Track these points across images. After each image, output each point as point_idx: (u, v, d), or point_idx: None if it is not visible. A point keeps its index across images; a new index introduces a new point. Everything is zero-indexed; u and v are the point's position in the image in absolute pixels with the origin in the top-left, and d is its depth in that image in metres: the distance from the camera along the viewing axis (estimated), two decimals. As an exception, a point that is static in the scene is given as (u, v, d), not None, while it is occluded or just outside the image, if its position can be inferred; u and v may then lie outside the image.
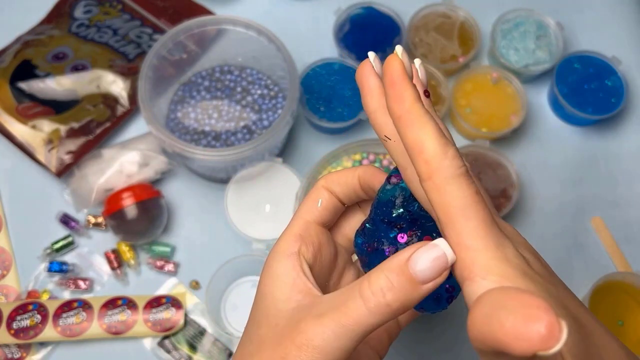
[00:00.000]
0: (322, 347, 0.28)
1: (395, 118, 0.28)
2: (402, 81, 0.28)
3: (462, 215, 0.26)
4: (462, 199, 0.26)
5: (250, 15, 0.63)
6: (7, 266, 0.62)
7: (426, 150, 0.26)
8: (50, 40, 0.69)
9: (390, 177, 0.33)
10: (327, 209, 0.35)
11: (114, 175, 0.61)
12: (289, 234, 0.34)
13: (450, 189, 0.26)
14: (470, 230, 0.25)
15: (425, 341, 0.60)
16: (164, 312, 0.58)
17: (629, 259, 0.63)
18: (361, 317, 0.28)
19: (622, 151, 0.69)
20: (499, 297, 0.23)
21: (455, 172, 0.26)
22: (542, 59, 0.69)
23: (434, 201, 0.26)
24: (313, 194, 0.35)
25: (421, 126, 0.27)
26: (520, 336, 0.20)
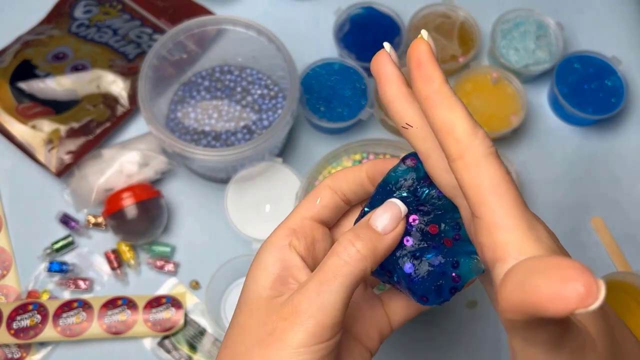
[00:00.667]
0: (308, 309, 0.29)
1: (423, 99, 0.28)
2: (430, 62, 0.28)
3: (495, 194, 0.25)
4: (493, 178, 0.26)
5: (250, 15, 0.63)
6: (7, 266, 0.62)
7: (457, 130, 0.26)
8: (50, 40, 0.69)
9: (406, 159, 0.33)
10: (327, 207, 0.34)
11: (114, 175, 0.61)
12: (283, 226, 0.34)
13: (483, 168, 0.26)
14: (503, 209, 0.25)
15: (425, 341, 0.60)
16: (164, 312, 0.58)
17: (629, 259, 0.63)
18: (337, 268, 0.30)
19: (622, 151, 0.69)
20: (532, 263, 0.22)
21: (487, 151, 0.26)
22: (542, 59, 0.69)
23: (464, 181, 0.26)
24: (315, 191, 0.35)
25: (451, 106, 0.27)
26: (558, 297, 0.20)
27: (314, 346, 0.29)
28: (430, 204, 0.32)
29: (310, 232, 0.34)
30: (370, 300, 0.37)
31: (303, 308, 0.29)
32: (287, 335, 0.29)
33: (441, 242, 0.32)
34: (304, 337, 0.29)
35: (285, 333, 0.29)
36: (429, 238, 0.32)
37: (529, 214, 0.26)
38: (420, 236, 0.32)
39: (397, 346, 0.60)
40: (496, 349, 0.60)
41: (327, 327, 0.29)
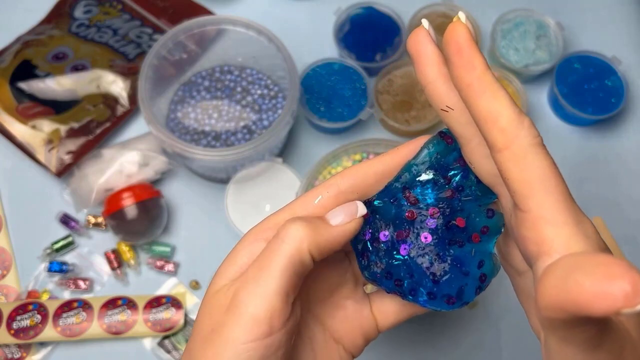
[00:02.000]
0: (245, 299, 0.27)
1: (465, 86, 0.26)
2: (471, 47, 0.26)
3: (543, 187, 0.24)
4: (541, 169, 0.24)
5: (250, 15, 0.63)
6: (7, 266, 0.62)
7: (502, 119, 0.25)
8: (50, 40, 0.69)
9: (445, 136, 0.30)
10: (325, 208, 0.31)
11: (114, 175, 0.61)
12: (268, 220, 0.31)
13: (531, 160, 0.24)
14: (552, 203, 0.24)
15: (425, 342, 0.60)
16: (164, 312, 0.58)
17: (629, 259, 0.63)
18: (275, 249, 0.28)
19: (622, 151, 0.69)
20: (575, 260, 0.21)
21: (534, 141, 0.25)
22: (542, 59, 0.69)
23: (510, 172, 0.25)
24: (317, 189, 0.31)
25: (494, 94, 0.25)
26: (603, 295, 0.19)
27: (255, 342, 0.27)
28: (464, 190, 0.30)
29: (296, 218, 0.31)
30: (358, 300, 0.34)
31: (241, 299, 0.27)
32: (227, 330, 0.27)
33: (469, 237, 0.30)
34: (243, 331, 0.27)
35: (225, 327, 0.27)
36: (455, 233, 0.30)
37: (576, 209, 0.25)
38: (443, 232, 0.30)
39: (397, 346, 0.60)
40: (496, 349, 0.60)
41: (265, 319, 0.27)
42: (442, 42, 0.28)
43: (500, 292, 0.60)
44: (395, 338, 0.60)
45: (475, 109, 0.26)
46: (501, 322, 0.60)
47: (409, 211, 0.30)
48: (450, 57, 0.27)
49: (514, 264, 0.30)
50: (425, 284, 0.30)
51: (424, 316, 0.60)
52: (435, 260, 0.30)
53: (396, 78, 0.68)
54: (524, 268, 0.29)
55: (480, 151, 0.28)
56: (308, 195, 0.31)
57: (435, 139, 0.30)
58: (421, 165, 0.30)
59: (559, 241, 0.24)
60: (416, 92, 0.67)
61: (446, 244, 0.30)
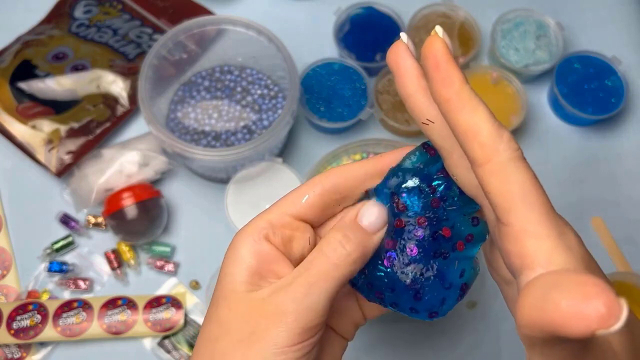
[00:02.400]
0: (294, 310, 0.29)
1: (443, 101, 0.26)
2: (448, 62, 0.26)
3: (524, 200, 0.25)
4: (522, 183, 0.25)
5: (250, 15, 0.63)
6: (7, 266, 0.62)
7: (481, 134, 0.25)
8: (50, 40, 0.69)
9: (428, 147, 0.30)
10: (313, 207, 0.32)
11: (114, 175, 0.61)
12: (260, 218, 0.32)
13: (511, 174, 0.25)
14: (534, 217, 0.24)
15: (425, 342, 0.60)
16: (164, 312, 0.58)
17: (629, 259, 0.63)
18: (327, 271, 0.29)
19: (622, 151, 0.69)
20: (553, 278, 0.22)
21: (513, 155, 0.25)
22: (542, 59, 0.69)
23: (491, 187, 0.25)
24: (303, 187, 0.32)
25: (473, 109, 0.25)
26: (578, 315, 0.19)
27: (297, 345, 0.29)
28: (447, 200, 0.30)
29: (289, 228, 0.32)
30: (345, 294, 0.36)
31: (288, 308, 0.29)
32: (271, 335, 0.28)
33: (454, 246, 0.30)
34: (288, 337, 0.29)
35: (269, 333, 0.29)
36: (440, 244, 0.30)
37: (559, 220, 0.25)
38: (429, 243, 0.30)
39: (397, 346, 0.60)
40: (496, 349, 0.60)
41: (312, 327, 0.29)
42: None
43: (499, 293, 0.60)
44: (395, 338, 0.60)
45: (454, 124, 0.26)
46: (500, 322, 0.60)
47: (398, 219, 0.30)
48: (428, 72, 0.27)
49: (501, 274, 0.31)
50: (407, 299, 0.30)
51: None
52: (419, 276, 0.30)
53: (396, 78, 0.68)
54: (511, 278, 0.30)
55: (462, 164, 0.28)
56: (295, 194, 0.32)
57: (418, 150, 0.31)
58: (406, 173, 0.30)
59: (541, 254, 0.24)
60: (416, 92, 0.67)
61: (431, 257, 0.30)
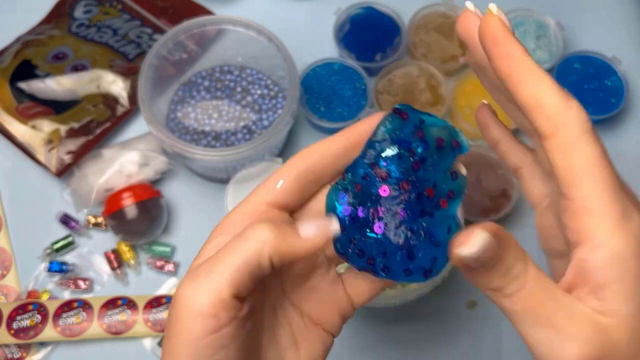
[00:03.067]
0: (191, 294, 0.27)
1: (505, 77, 0.25)
2: (507, 37, 0.25)
3: (588, 176, 0.24)
4: (587, 158, 0.24)
5: (250, 15, 0.63)
6: (7, 266, 0.62)
7: (547, 105, 0.24)
8: (50, 40, 0.69)
9: (400, 112, 0.30)
10: (288, 191, 0.31)
11: (114, 175, 0.61)
12: (234, 212, 0.31)
13: (576, 148, 0.24)
14: (597, 194, 0.24)
15: (425, 341, 0.60)
16: (164, 312, 0.58)
17: (629, 259, 0.63)
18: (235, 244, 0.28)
19: (622, 151, 0.69)
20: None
21: (583, 127, 0.24)
22: (542, 59, 0.69)
23: (556, 160, 0.24)
24: (277, 172, 0.31)
25: (537, 80, 0.24)
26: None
27: (206, 337, 0.26)
28: (426, 160, 0.30)
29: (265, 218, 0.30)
30: (332, 282, 0.34)
31: (186, 295, 0.27)
32: (179, 326, 0.27)
33: (437, 204, 0.30)
34: (192, 327, 0.26)
35: (177, 323, 0.27)
36: (425, 204, 0.30)
37: (625, 202, 0.24)
38: (415, 204, 0.30)
39: (397, 346, 0.60)
40: (496, 349, 0.60)
41: (210, 315, 0.26)
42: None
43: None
44: (395, 338, 0.60)
45: (519, 99, 0.25)
46: (501, 322, 0.60)
47: (382, 187, 0.30)
48: (488, 51, 0.26)
49: (553, 245, 0.30)
50: (401, 261, 0.30)
51: (423, 316, 0.60)
52: (410, 236, 0.30)
53: (396, 78, 0.68)
54: (562, 251, 0.29)
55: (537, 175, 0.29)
56: (270, 180, 0.31)
57: (390, 116, 0.30)
58: (383, 142, 0.30)
59: (599, 234, 0.23)
60: (416, 92, 0.67)
61: (418, 217, 0.30)
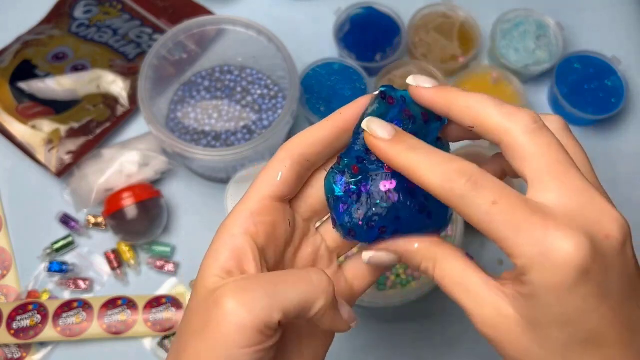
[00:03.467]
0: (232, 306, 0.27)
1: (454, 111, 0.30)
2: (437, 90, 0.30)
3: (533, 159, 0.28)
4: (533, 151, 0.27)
5: (250, 15, 0.63)
6: (7, 266, 0.62)
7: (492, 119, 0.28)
8: (50, 40, 0.69)
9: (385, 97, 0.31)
10: (287, 181, 0.32)
11: (114, 175, 0.61)
12: (240, 210, 0.32)
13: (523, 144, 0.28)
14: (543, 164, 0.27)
15: (425, 341, 0.60)
16: (164, 312, 0.58)
17: (629, 259, 0.63)
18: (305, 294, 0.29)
19: (622, 151, 0.69)
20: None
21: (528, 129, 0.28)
22: (542, 59, 0.69)
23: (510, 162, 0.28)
24: (273, 164, 0.32)
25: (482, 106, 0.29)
26: None
27: (250, 348, 0.27)
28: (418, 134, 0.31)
29: (271, 214, 0.32)
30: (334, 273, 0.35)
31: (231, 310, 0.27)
32: (222, 331, 0.27)
33: None
34: (239, 338, 0.27)
35: (220, 328, 0.27)
36: None
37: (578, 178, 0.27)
38: None
39: (397, 346, 0.60)
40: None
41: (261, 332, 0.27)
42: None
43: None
44: (395, 339, 0.60)
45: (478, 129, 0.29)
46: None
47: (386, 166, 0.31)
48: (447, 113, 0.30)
49: None
50: (423, 222, 0.31)
51: (423, 316, 0.60)
52: (425, 199, 0.31)
53: (396, 78, 0.68)
54: None
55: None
56: (268, 172, 0.32)
57: (376, 101, 0.31)
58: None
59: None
60: (416, 92, 0.67)
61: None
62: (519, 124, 0.27)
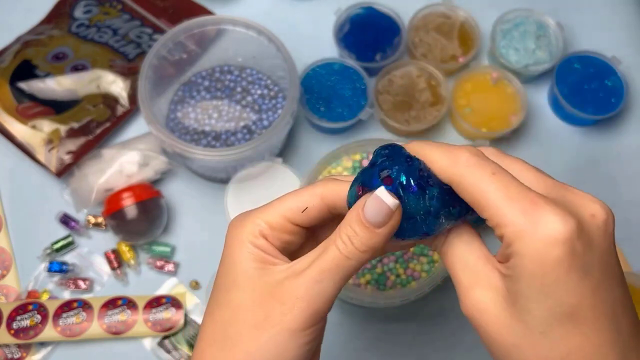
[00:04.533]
0: (306, 295, 0.30)
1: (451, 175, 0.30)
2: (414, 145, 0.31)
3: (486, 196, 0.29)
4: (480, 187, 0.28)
5: (250, 15, 0.63)
6: (7, 266, 0.62)
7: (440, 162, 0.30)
8: (50, 40, 0.69)
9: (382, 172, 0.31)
10: (310, 217, 0.33)
11: (114, 175, 0.61)
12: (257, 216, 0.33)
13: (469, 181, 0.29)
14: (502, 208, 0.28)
15: (425, 342, 0.60)
16: (164, 312, 0.58)
17: (629, 259, 0.63)
18: (340, 261, 0.31)
19: (622, 151, 0.69)
20: None
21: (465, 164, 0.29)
22: (542, 59, 0.69)
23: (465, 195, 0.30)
24: (303, 194, 0.34)
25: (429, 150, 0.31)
26: None
27: (307, 330, 0.30)
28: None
29: (287, 232, 0.33)
30: None
31: (301, 294, 0.30)
32: (285, 320, 0.30)
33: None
34: (302, 322, 0.30)
35: (283, 317, 0.30)
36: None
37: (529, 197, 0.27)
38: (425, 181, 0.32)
39: (397, 346, 0.60)
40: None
41: (322, 313, 0.31)
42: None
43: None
44: (395, 339, 0.60)
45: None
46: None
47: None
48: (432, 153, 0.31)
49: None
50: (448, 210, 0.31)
51: (423, 316, 0.60)
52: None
53: (396, 78, 0.68)
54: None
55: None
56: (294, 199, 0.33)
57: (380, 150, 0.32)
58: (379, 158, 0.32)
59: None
60: (416, 92, 0.67)
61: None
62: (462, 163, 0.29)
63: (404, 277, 0.57)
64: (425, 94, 0.67)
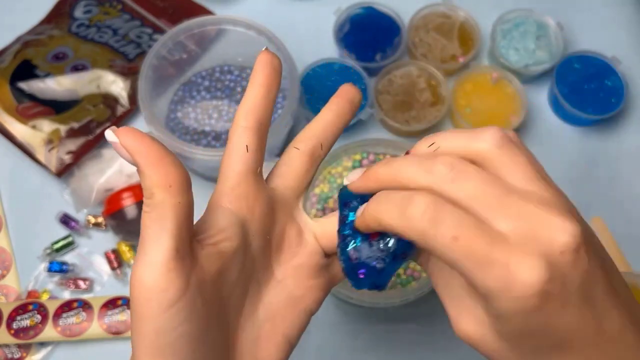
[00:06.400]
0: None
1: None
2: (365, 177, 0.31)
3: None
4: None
5: (250, 15, 0.63)
6: (7, 266, 0.62)
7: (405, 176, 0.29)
8: (50, 40, 0.69)
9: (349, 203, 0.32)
10: (255, 150, 0.34)
11: (114, 175, 0.61)
12: (223, 185, 0.34)
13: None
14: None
15: (425, 342, 0.60)
16: (164, 312, 0.58)
17: (629, 259, 0.63)
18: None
19: (622, 151, 0.69)
20: None
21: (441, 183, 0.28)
22: (542, 59, 0.69)
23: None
24: (236, 140, 0.34)
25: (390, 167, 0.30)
26: None
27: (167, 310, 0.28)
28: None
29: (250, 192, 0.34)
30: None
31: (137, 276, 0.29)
32: (138, 309, 0.28)
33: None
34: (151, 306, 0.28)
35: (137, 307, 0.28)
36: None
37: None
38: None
39: (397, 346, 0.60)
40: (496, 349, 0.59)
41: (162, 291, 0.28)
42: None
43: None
44: (395, 338, 0.60)
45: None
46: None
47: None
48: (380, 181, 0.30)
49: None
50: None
51: (423, 316, 0.60)
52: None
53: (396, 78, 0.68)
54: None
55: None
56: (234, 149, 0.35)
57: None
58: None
59: None
60: (416, 92, 0.67)
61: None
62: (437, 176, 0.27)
63: (404, 277, 0.57)
64: (426, 94, 0.67)
